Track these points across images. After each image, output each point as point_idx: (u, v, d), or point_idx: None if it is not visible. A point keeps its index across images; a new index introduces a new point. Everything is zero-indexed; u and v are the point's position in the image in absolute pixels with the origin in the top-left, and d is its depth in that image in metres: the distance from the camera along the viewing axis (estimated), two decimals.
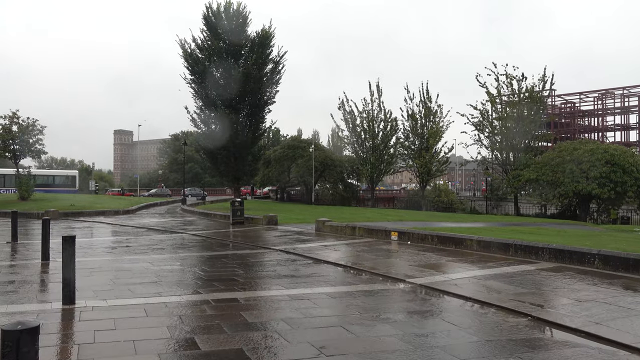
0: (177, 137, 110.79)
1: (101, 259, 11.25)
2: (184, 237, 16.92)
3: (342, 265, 10.57)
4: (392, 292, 8.08)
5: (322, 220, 17.79)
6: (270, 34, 34.59)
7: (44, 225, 10.49)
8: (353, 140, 47.44)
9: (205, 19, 34.15)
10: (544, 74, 38.00)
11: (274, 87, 35.27)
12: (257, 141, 36.22)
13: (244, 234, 17.71)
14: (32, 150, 30.99)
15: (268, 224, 20.46)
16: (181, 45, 34.02)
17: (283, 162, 50.02)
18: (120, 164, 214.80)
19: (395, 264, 10.78)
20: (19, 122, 30.52)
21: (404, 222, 23.12)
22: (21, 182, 29.33)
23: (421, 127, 44.68)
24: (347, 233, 16.61)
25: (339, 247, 13.71)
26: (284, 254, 12.44)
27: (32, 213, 25.74)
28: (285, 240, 15.33)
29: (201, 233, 17.85)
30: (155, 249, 13.44)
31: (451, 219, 27.26)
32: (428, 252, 12.52)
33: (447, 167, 48.64)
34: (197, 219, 25.90)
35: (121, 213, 28.94)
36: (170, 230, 18.98)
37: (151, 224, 21.99)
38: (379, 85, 46.53)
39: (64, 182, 51.53)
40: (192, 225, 21.99)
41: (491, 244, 12.11)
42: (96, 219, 24.64)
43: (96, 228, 20.57)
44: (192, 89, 34.69)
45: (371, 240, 15.09)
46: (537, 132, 38.99)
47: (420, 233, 14.39)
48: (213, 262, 11.20)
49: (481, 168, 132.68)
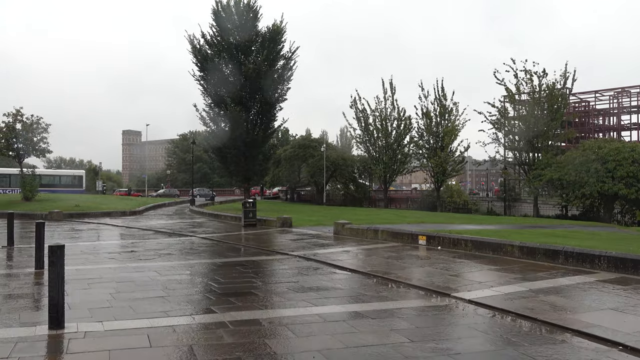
0: (185, 137, 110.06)
1: (102, 267, 10.11)
2: (193, 240, 15.78)
3: (373, 275, 9.35)
4: (440, 310, 6.85)
5: (341, 223, 16.57)
6: (281, 29, 33.41)
7: (38, 229, 9.36)
8: (365, 139, 46.19)
9: (215, 14, 33.02)
10: (565, 70, 36.56)
11: (285, 84, 34.06)
12: (268, 140, 35.01)
13: (258, 238, 16.54)
14: (37, 149, 29.97)
15: (282, 226, 19.27)
16: (190, 41, 32.95)
17: (293, 161, 48.85)
18: (129, 164, 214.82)
19: (432, 273, 9.54)
20: (23, 119, 29.56)
21: (424, 224, 21.90)
22: (25, 182, 28.37)
23: (436, 126, 43.36)
24: (369, 237, 15.39)
25: (363, 253, 12.49)
26: (304, 261, 11.25)
27: (36, 214, 24.74)
28: (303, 245, 14.12)
29: (212, 236, 16.70)
30: (163, 254, 12.29)
31: (472, 221, 25.97)
32: (464, 259, 11.27)
33: (463, 166, 47.26)
34: (207, 220, 24.78)
35: (128, 214, 27.90)
36: (179, 233, 17.86)
37: (158, 226, 20.89)
38: (392, 83, 45.33)
39: (71, 182, 50.63)
40: (201, 227, 20.86)
41: (536, 250, 10.83)
42: (101, 221, 23.58)
43: (100, 230, 19.48)
44: (200, 86, 33.61)
45: (396, 245, 13.85)
46: (559, 130, 37.49)
47: (451, 237, 13.13)
48: (226, 271, 10.03)
49: (492, 168, 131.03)
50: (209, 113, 33.74)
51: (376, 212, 32.87)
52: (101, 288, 7.95)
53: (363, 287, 8.43)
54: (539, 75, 36.34)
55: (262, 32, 33.50)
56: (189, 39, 33.02)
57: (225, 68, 33.09)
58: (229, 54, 32.70)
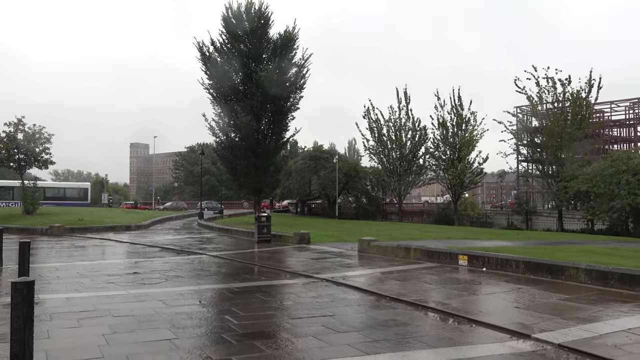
0: (192, 149, 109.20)
1: (99, 296, 8.57)
2: (203, 259, 14.22)
3: (421, 305, 7.74)
4: (529, 358, 5.24)
5: (367, 240, 14.95)
6: (293, 36, 32.08)
7: (22, 250, 7.85)
8: (379, 150, 44.63)
9: (225, 20, 31.78)
10: (590, 77, 34.86)
11: (297, 92, 32.68)
12: (279, 150, 33.54)
13: (274, 256, 14.97)
14: (39, 160, 28.59)
15: (299, 242, 17.69)
16: (199, 48, 31.71)
17: (304, 173, 47.30)
18: (136, 176, 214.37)
19: (495, 305, 7.93)
20: (25, 129, 28.25)
21: (450, 240, 20.33)
22: (26, 195, 27.02)
23: (453, 136, 41.79)
24: (400, 255, 13.76)
25: (399, 276, 10.87)
26: (333, 286, 9.66)
27: (36, 229, 23.35)
28: (328, 266, 12.53)
29: (223, 254, 15.14)
30: (170, 277, 10.74)
31: (499, 236, 24.30)
32: (520, 284, 9.63)
33: (482, 178, 45.51)
34: (217, 235, 23.24)
35: (133, 228, 26.44)
36: (187, 250, 16.32)
37: (165, 242, 19.38)
38: (406, 92, 43.82)
39: (76, 195, 49.27)
40: (211, 243, 19.32)
41: (609, 275, 9.18)
42: (105, 236, 22.11)
43: (102, 247, 17.99)
44: (210, 95, 32.29)
45: (433, 266, 12.22)
46: (584, 140, 35.72)
47: (498, 257, 11.49)
48: (245, 300, 8.45)
49: (502, 181, 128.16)
50: (219, 123, 32.39)
51: (394, 227, 31.22)
52: (93, 326, 6.40)
53: (416, 323, 6.82)
54: (563, 82, 34.69)
55: (273, 38, 32.25)
56: (198, 46, 31.81)
57: (235, 76, 31.83)
58: (239, 62, 31.41)
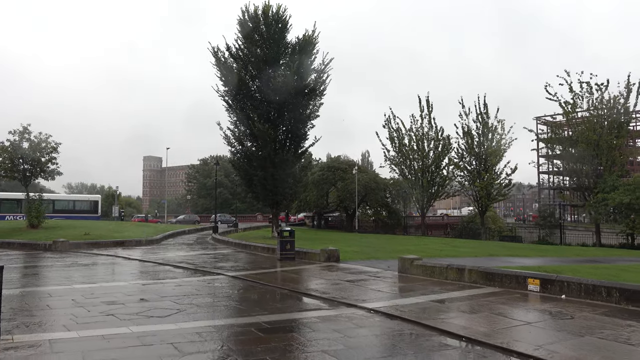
0: (205, 162, 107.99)
1: (91, 336, 6.67)
2: (221, 281, 12.30)
3: (528, 355, 5.72)
4: None
5: (409, 259, 12.91)
6: (313, 40, 30.44)
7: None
8: (400, 161, 42.62)
9: (241, 24, 30.24)
10: (628, 82, 32.66)
11: (317, 99, 30.96)
12: (298, 160, 31.70)
13: (303, 277, 13.00)
14: (45, 171, 27.01)
15: (327, 260, 15.70)
16: (213, 53, 30.18)
17: (322, 185, 45.40)
18: (149, 189, 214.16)
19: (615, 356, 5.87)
20: (31, 138, 26.72)
21: (493, 257, 18.35)
22: (31, 208, 25.39)
23: (478, 146, 39.68)
24: (450, 277, 11.71)
25: (465, 306, 8.84)
26: (387, 320, 7.69)
27: (39, 244, 21.67)
28: (369, 290, 10.53)
29: (243, 275, 13.20)
30: (184, 305, 8.83)
31: (543, 253, 22.08)
32: (630, 320, 7.55)
33: (510, 190, 43.18)
34: (233, 251, 21.31)
35: (143, 243, 24.64)
36: (203, 270, 14.42)
37: (177, 260, 17.51)
38: (428, 100, 41.91)
39: (86, 208, 47.74)
40: (228, 261, 17.41)
41: None
42: (112, 251, 20.32)
43: (107, 265, 16.16)
44: (224, 102, 30.71)
45: (497, 291, 10.18)
46: (623, 148, 33.46)
47: (581, 282, 9.41)
48: (282, 344, 6.48)
49: (522, 193, 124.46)
50: (234, 132, 30.73)
51: (420, 241, 29.10)
52: None
53: None
54: (599, 87, 32.51)
55: (291, 43, 30.63)
56: (213, 51, 30.30)
57: (251, 82, 30.21)
58: (255, 67, 29.81)
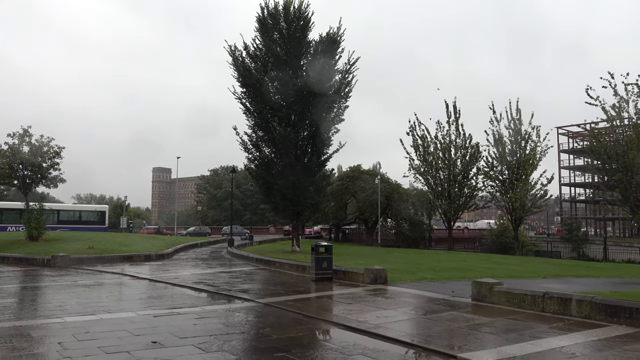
0: (216, 172, 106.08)
1: None
2: (253, 311, 9.75)
3: None
4: None
5: (487, 284, 10.27)
6: (338, 38, 28.11)
7: None
8: (425, 171, 39.99)
9: (260, 22, 27.99)
10: None
11: (342, 101, 28.57)
12: (321, 168, 29.23)
13: (356, 308, 10.38)
14: (47, 178, 24.70)
15: (373, 282, 13.10)
16: (231, 52, 27.94)
17: (342, 195, 42.87)
18: (158, 201, 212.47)
19: None
20: (32, 141, 24.46)
21: (561, 278, 15.64)
22: (30, 218, 23.09)
23: (511, 154, 37.02)
24: (549, 309, 9.05)
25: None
26: None
27: (36, 259, 19.27)
28: (460, 330, 7.93)
29: (278, 301, 10.63)
30: (212, 353, 6.29)
31: (600, 272, 19.13)
32: None
33: (547, 202, 40.35)
34: (255, 268, 18.71)
35: (153, 258, 22.17)
36: (226, 294, 11.88)
37: (194, 279, 15.00)
38: (455, 106, 39.37)
39: (92, 219, 45.33)
40: (253, 281, 14.88)
41: None
42: (118, 268, 17.84)
43: (111, 286, 13.66)
44: (242, 105, 28.42)
45: (631, 332, 7.55)
46: None
47: None
48: None
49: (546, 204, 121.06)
50: (251, 137, 28.38)
51: (456, 257, 26.39)
52: None
53: None
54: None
55: (314, 41, 28.33)
56: (230, 50, 28.05)
57: (270, 84, 27.87)
58: (275, 67, 27.51)
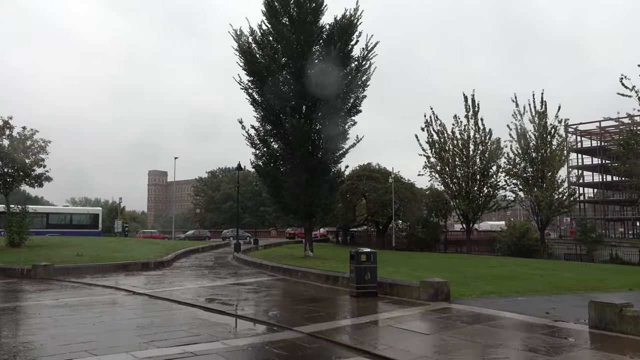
0: (213, 174, 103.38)
1: None
2: (297, 349, 7.03)
3: None
4: None
5: (615, 306, 7.54)
6: (354, 22, 25.46)
7: None
8: (442, 169, 37.39)
9: (267, 5, 25.33)
10: None
11: (359, 91, 25.93)
12: (336, 164, 26.55)
13: (430, 341, 7.65)
14: (30, 176, 21.82)
15: (433, 298, 10.38)
16: (236, 38, 25.21)
17: (352, 196, 40.17)
18: (154, 204, 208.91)
19: None
20: (12, 134, 21.60)
21: None
22: (11, 222, 20.27)
23: (535, 150, 34.52)
24: None
25: None
26: None
27: (14, 269, 16.44)
28: None
29: (324, 330, 7.89)
30: None
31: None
32: None
33: (574, 201, 37.80)
34: (273, 279, 15.90)
35: (152, 266, 19.34)
36: (252, 318, 9.14)
37: (203, 294, 12.24)
38: (474, 99, 36.83)
39: (85, 222, 42.28)
40: (272, 296, 12.14)
41: None
42: (111, 280, 15.02)
43: (100, 307, 10.83)
44: (248, 96, 25.70)
45: None
46: None
47: None
48: None
49: None
50: (259, 130, 25.66)
51: (485, 262, 23.68)
52: None
53: None
54: None
55: (327, 25, 25.69)
56: (235, 35, 25.32)
57: (279, 72, 25.17)
58: (285, 54, 24.89)
